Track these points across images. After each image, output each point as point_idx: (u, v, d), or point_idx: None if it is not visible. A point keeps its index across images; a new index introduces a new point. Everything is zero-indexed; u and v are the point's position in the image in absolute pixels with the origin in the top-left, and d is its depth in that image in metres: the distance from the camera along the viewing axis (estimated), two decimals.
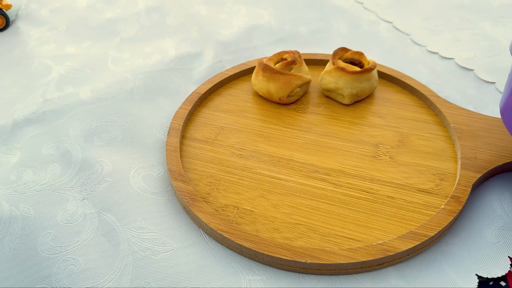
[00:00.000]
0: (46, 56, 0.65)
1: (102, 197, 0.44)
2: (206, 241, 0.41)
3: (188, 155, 0.49)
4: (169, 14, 0.75)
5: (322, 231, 0.41)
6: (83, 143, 0.50)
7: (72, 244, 0.40)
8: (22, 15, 0.76)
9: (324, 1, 0.78)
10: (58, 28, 0.72)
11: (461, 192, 0.43)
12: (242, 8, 0.76)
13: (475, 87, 0.59)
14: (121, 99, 0.56)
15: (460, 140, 0.49)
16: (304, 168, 0.47)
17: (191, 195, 0.43)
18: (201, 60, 0.64)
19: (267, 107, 0.55)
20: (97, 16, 0.75)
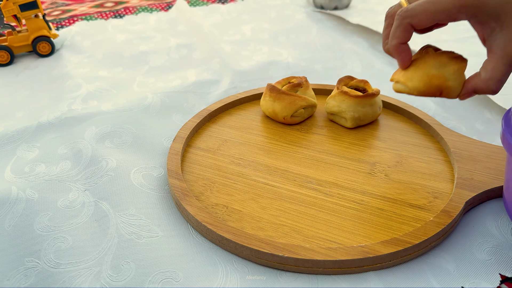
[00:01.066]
0: (80, 77, 0.71)
1: (102, 188, 0.47)
2: (191, 234, 0.42)
3: (189, 160, 0.51)
4: (196, 49, 0.81)
5: (306, 233, 0.41)
6: (95, 144, 0.54)
7: (66, 226, 0.42)
8: (68, 45, 0.84)
9: (342, 44, 0.82)
10: (95, 56, 0.79)
11: (452, 208, 0.42)
12: (264, 48, 0.82)
13: (484, 123, 0.59)
14: (138, 111, 0.60)
15: (459, 163, 0.48)
16: (298, 178, 0.48)
17: (183, 191, 0.45)
18: (218, 86, 0.68)
19: (272, 126, 0.57)
20: (132, 48, 0.82)
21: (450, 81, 0.42)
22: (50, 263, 0.38)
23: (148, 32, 0.89)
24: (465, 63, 0.43)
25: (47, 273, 0.38)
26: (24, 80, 0.72)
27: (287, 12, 0.98)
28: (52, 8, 1.05)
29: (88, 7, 1.05)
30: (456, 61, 0.42)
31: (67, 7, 1.06)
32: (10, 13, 0.76)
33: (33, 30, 0.79)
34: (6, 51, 0.77)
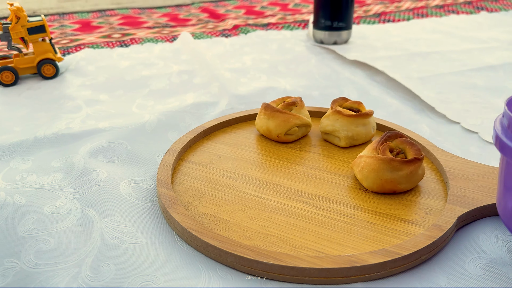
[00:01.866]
0: (81, 99, 0.73)
1: (90, 197, 0.47)
2: (176, 241, 0.41)
3: (180, 172, 0.51)
4: (197, 75, 0.83)
5: (293, 243, 0.40)
6: (88, 158, 0.54)
7: (50, 229, 0.42)
8: (72, 69, 0.86)
9: (339, 74, 0.83)
10: (97, 79, 0.81)
11: (444, 222, 0.41)
12: (263, 76, 0.83)
13: (479, 147, 0.59)
14: (133, 128, 0.61)
15: (452, 181, 0.48)
16: (289, 192, 0.48)
17: (171, 199, 0.45)
18: (215, 107, 0.69)
19: (266, 144, 0.57)
20: (134, 73, 0.84)
21: (402, 184, 0.47)
22: (29, 264, 0.38)
23: (152, 59, 0.91)
24: (420, 163, 0.47)
25: (25, 273, 0.37)
26: (26, 99, 0.73)
27: (287, 45, 1.01)
28: (61, 37, 1.09)
29: (96, 37, 1.09)
30: (408, 165, 0.46)
31: (76, 37, 1.09)
32: (18, 35, 0.78)
33: (39, 53, 0.81)
34: (11, 72, 0.79)
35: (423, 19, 1.26)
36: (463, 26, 1.17)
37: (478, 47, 0.99)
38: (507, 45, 1.00)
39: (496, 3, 1.42)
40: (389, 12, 1.34)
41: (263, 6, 1.44)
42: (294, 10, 1.39)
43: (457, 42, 1.04)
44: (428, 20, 1.24)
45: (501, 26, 1.16)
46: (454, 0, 1.47)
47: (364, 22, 1.23)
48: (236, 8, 1.42)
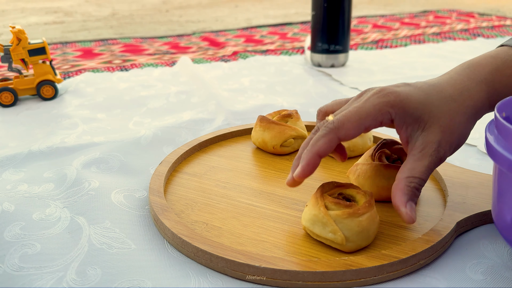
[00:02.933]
0: (78, 117, 0.73)
1: (80, 205, 0.46)
2: (167, 248, 0.40)
3: (174, 183, 0.50)
4: (195, 95, 0.83)
5: (287, 249, 0.39)
6: (81, 169, 0.53)
7: (37, 235, 0.41)
8: (71, 90, 0.87)
9: (337, 93, 0.83)
10: (95, 99, 0.81)
11: (442, 227, 0.40)
12: (260, 95, 0.83)
13: (478, 159, 0.58)
14: (129, 142, 0.60)
15: (450, 188, 0.47)
16: (284, 200, 0.47)
17: (163, 207, 0.44)
18: (211, 123, 0.69)
19: (262, 156, 0.57)
20: (133, 94, 0.84)
21: None
22: (13, 267, 0.36)
23: (151, 81, 0.92)
24: None
25: (8, 276, 0.35)
26: (23, 118, 0.74)
27: (285, 68, 1.02)
28: (62, 63, 1.10)
29: (97, 63, 1.10)
30: None
31: (77, 63, 1.11)
32: (19, 57, 0.79)
33: (39, 75, 0.82)
34: (11, 93, 0.79)
35: (420, 45, 1.27)
36: (460, 51, 1.19)
37: None
38: None
39: (492, 30, 1.44)
40: (387, 39, 1.36)
41: (262, 35, 1.46)
42: (292, 38, 1.41)
43: (454, 65, 1.04)
44: (425, 45, 1.26)
45: None
46: (451, 28, 1.50)
47: (362, 48, 1.25)
48: (236, 37, 1.45)
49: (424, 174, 0.38)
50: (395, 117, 0.38)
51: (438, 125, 0.38)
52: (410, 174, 0.38)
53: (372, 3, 2.20)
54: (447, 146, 0.39)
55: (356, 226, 0.37)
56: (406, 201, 0.37)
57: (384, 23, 1.62)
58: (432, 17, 1.71)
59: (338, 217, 0.38)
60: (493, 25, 1.52)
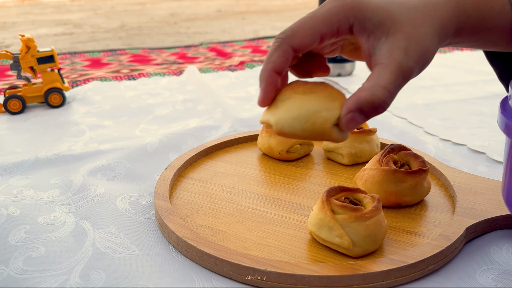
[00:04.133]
0: (85, 124, 0.73)
1: (86, 210, 0.46)
2: (171, 252, 0.40)
3: (179, 188, 0.50)
4: (201, 103, 0.83)
5: (293, 253, 0.38)
6: (87, 176, 0.53)
7: (42, 238, 0.41)
8: (79, 98, 0.87)
9: None
10: (103, 107, 0.82)
11: (451, 232, 0.39)
12: None
13: (487, 166, 0.57)
14: (135, 149, 0.60)
15: (459, 194, 0.46)
16: (290, 205, 0.46)
17: (168, 211, 0.43)
18: (218, 130, 0.69)
19: (268, 162, 0.56)
20: (140, 102, 0.85)
21: (407, 197, 0.45)
22: (17, 270, 0.36)
23: (158, 90, 0.93)
24: (425, 174, 0.45)
25: (11, 279, 0.35)
26: (31, 125, 0.74)
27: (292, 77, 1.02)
28: (71, 72, 1.11)
29: (105, 72, 1.11)
30: (413, 176, 0.44)
31: (85, 72, 1.12)
32: (28, 65, 0.80)
33: (47, 82, 0.82)
34: (19, 100, 0.80)
35: None
36: (467, 61, 1.18)
37: (483, 78, 0.99)
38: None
39: None
40: None
41: (269, 46, 1.47)
42: None
43: (462, 74, 1.04)
44: None
45: None
46: None
47: None
48: (243, 47, 1.46)
49: (391, 83, 0.32)
50: (354, 22, 0.33)
51: (402, 31, 0.33)
52: (375, 82, 0.32)
53: None
54: (414, 57, 0.33)
55: (363, 230, 0.37)
56: (353, 109, 0.32)
57: None
58: None
59: (344, 221, 0.37)
60: None
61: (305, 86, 0.33)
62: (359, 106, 0.32)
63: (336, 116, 0.32)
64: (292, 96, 0.33)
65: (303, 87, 0.33)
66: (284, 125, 0.33)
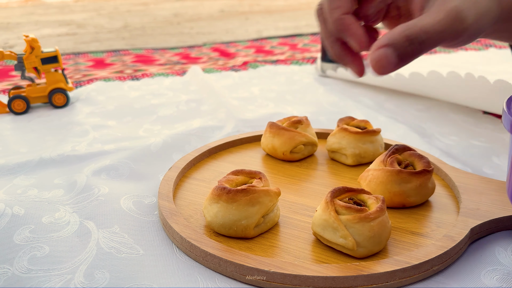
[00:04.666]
0: (89, 124, 0.73)
1: (90, 210, 0.46)
2: (175, 253, 0.40)
3: (183, 188, 0.50)
4: (205, 103, 0.83)
5: (297, 254, 0.38)
6: (91, 176, 0.53)
7: (46, 238, 0.41)
8: (83, 99, 0.88)
9: (347, 101, 0.83)
10: (107, 107, 0.82)
11: (456, 233, 0.39)
12: (271, 104, 0.83)
13: (492, 167, 0.57)
14: (139, 149, 0.60)
15: (464, 195, 0.46)
16: (294, 206, 0.46)
17: (171, 211, 0.43)
18: (221, 130, 0.69)
19: (271, 162, 0.56)
20: (143, 102, 0.85)
21: (411, 197, 0.44)
22: (21, 270, 0.36)
23: (161, 90, 0.93)
24: (430, 175, 0.45)
25: (16, 278, 0.35)
26: (35, 125, 0.74)
27: (295, 77, 1.02)
28: (74, 73, 1.12)
29: (108, 73, 1.12)
30: (417, 177, 0.44)
31: (89, 72, 1.12)
32: (32, 65, 0.80)
33: (51, 83, 0.82)
34: (23, 100, 0.80)
35: (432, 55, 1.27)
36: (473, 61, 1.18)
37: None
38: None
39: None
40: None
41: (272, 46, 1.47)
42: (303, 49, 1.41)
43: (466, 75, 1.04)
44: (437, 56, 1.25)
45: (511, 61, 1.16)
46: None
47: None
48: (247, 48, 1.46)
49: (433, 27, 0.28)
50: None
51: None
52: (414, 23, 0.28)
53: None
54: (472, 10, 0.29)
55: (368, 231, 0.37)
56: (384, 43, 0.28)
57: None
58: None
59: (349, 222, 0.37)
60: None
61: (227, 195, 0.40)
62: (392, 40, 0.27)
63: (255, 221, 0.39)
64: (219, 202, 0.40)
65: (225, 196, 0.40)
66: (215, 227, 0.40)
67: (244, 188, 0.40)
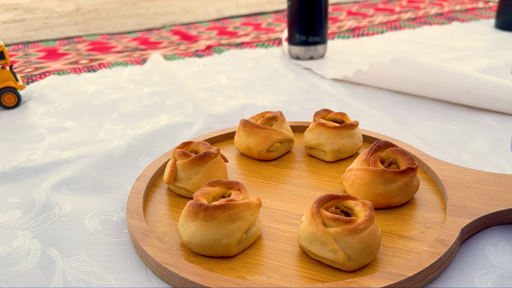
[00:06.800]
0: (44, 127, 0.67)
1: (52, 234, 0.41)
2: (151, 279, 0.36)
3: (154, 200, 0.46)
4: (170, 96, 0.79)
5: (284, 272, 0.36)
6: (50, 192, 0.48)
7: (3, 273, 0.36)
8: (36, 97, 0.81)
9: (319, 88, 0.80)
10: (63, 106, 0.76)
11: (447, 236, 0.38)
12: (240, 94, 0.79)
13: (470, 154, 0.56)
14: (101, 156, 0.56)
15: (449, 190, 0.44)
16: (275, 213, 0.43)
17: (143, 231, 0.40)
18: (190, 128, 0.65)
19: (247, 163, 0.53)
20: (102, 97, 0.79)
21: (397, 197, 0.43)
22: None
23: (121, 82, 0.87)
24: (414, 173, 0.43)
25: None
26: None
27: (263, 62, 0.98)
28: (25, 66, 1.03)
29: (62, 64, 1.04)
30: (402, 176, 0.42)
31: (41, 65, 1.04)
32: None
33: None
34: None
35: (397, 31, 1.25)
36: (438, 36, 1.17)
37: (455, 56, 0.98)
38: (483, 52, 0.99)
39: (466, 13, 1.44)
40: (363, 26, 1.33)
41: (235, 27, 1.42)
42: (267, 29, 1.37)
43: (433, 52, 1.03)
44: (402, 32, 1.24)
45: (475, 34, 1.16)
46: (425, 12, 1.48)
47: (339, 37, 1.22)
48: (209, 29, 1.40)
49: None
50: None
51: None
52: None
53: None
54: None
55: (358, 243, 0.34)
56: None
57: (358, 10, 1.60)
58: (406, 2, 1.70)
59: (338, 235, 0.35)
60: (467, 8, 1.51)
61: (205, 212, 0.36)
62: None
63: (236, 239, 0.36)
64: (196, 220, 0.37)
65: (203, 213, 0.36)
66: (193, 248, 0.37)
67: (223, 204, 0.37)
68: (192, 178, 0.45)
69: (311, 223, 0.36)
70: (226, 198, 0.38)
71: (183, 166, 0.46)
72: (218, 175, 0.47)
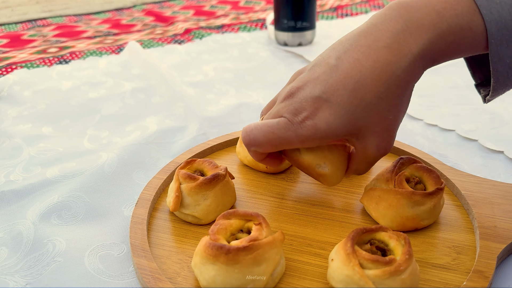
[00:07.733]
0: (19, 136, 0.60)
1: (48, 280, 0.36)
2: None
3: (157, 228, 0.42)
4: (155, 93, 0.73)
5: None
6: (39, 223, 0.43)
7: None
8: (4, 96, 0.73)
9: None
10: (37, 107, 0.69)
11: (484, 266, 0.35)
12: (231, 89, 0.74)
13: (482, 157, 0.54)
14: (90, 174, 0.50)
15: (475, 208, 0.42)
16: (295, 241, 0.40)
17: (153, 274, 0.35)
18: (184, 133, 0.60)
19: (253, 177, 0.49)
20: (80, 96, 0.72)
21: (425, 220, 0.40)
22: None
23: (98, 77, 0.80)
24: (441, 194, 0.40)
25: None
26: None
27: (249, 50, 0.93)
28: None
29: (29, 54, 0.95)
30: (431, 198, 0.39)
31: (4, 54, 0.95)
32: None
33: None
34: None
35: (344, 18, 1.20)
36: None
37: None
38: None
39: None
40: (345, 5, 1.29)
41: (212, 6, 1.34)
42: (246, 8, 1.30)
43: None
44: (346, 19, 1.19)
45: None
46: None
47: (322, 17, 1.17)
48: (184, 8, 1.32)
49: None
50: None
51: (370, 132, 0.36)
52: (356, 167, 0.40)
53: None
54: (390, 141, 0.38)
55: (399, 285, 0.32)
56: None
57: None
58: None
59: (377, 278, 0.32)
60: None
61: (226, 256, 0.32)
62: None
63: (263, 283, 0.33)
64: (216, 264, 0.33)
65: (224, 257, 0.32)
66: None
67: (246, 246, 0.33)
68: (200, 204, 0.41)
69: (346, 264, 0.32)
70: (249, 237, 0.34)
71: (189, 191, 0.41)
72: (228, 197, 0.43)
